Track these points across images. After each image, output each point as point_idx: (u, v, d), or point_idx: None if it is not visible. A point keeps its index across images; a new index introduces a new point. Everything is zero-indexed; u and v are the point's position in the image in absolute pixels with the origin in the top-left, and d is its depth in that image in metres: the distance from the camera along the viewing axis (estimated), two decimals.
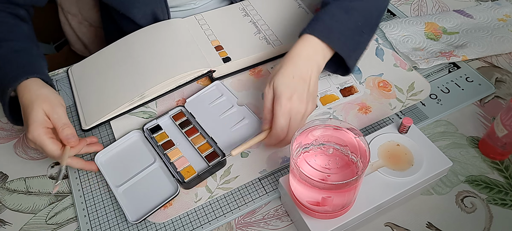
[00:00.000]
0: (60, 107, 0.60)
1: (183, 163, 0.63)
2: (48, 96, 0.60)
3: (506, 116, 0.58)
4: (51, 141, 0.58)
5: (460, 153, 0.64)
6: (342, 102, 0.71)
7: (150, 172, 0.63)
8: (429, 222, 0.57)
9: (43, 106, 0.58)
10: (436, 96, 0.71)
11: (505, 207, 0.58)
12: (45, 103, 0.59)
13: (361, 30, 0.66)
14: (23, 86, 0.60)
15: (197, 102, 0.71)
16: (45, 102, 0.59)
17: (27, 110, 0.59)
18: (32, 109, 0.58)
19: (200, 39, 0.78)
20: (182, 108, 0.70)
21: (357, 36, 0.66)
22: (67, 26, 0.99)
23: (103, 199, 0.61)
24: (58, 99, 0.61)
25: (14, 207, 0.62)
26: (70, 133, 0.59)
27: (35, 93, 0.60)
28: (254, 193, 0.60)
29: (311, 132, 0.50)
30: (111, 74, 0.74)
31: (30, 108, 0.58)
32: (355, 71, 0.75)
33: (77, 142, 0.60)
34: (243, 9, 0.84)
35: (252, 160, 0.64)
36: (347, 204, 0.50)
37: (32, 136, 0.57)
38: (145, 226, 0.58)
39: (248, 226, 0.58)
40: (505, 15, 0.84)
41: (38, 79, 0.62)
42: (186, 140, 0.66)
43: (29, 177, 0.65)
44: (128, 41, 0.78)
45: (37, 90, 0.60)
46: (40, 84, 0.61)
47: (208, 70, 0.73)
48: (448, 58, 0.75)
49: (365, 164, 0.46)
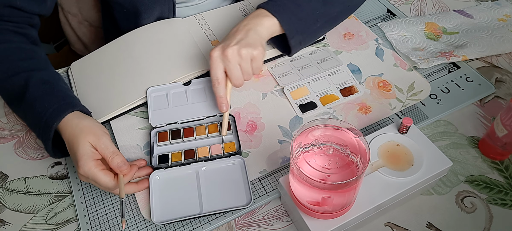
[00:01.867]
0: (105, 136, 0.59)
1: (217, 149, 0.65)
2: (91, 127, 0.59)
3: (506, 116, 0.58)
4: (103, 173, 0.56)
5: (460, 153, 0.64)
6: (342, 102, 0.71)
7: None
8: (429, 222, 0.57)
9: (89, 139, 0.57)
10: (436, 96, 0.71)
11: (505, 207, 0.58)
12: (90, 136, 0.57)
13: (316, 18, 0.69)
14: (65, 121, 0.59)
15: (161, 115, 0.69)
16: (90, 135, 0.58)
17: (74, 146, 0.57)
18: (78, 144, 0.57)
19: (200, 39, 0.78)
20: (156, 130, 0.68)
21: (310, 22, 0.69)
22: (67, 26, 0.99)
23: (103, 199, 0.61)
24: (101, 128, 0.60)
25: (14, 207, 0.62)
26: (120, 160, 0.57)
27: (78, 126, 0.58)
28: (254, 193, 0.60)
29: (311, 132, 0.50)
30: (111, 74, 0.74)
31: (76, 143, 0.57)
32: (354, 71, 0.75)
33: (129, 168, 0.58)
34: (243, 9, 0.84)
35: (252, 160, 0.64)
36: (347, 204, 0.50)
37: (84, 171, 0.56)
38: (145, 226, 0.58)
39: (248, 226, 0.58)
40: (505, 15, 0.84)
41: (78, 111, 0.61)
42: (194, 139, 0.67)
43: (29, 177, 0.65)
44: (128, 40, 0.78)
45: (79, 123, 0.59)
46: (80, 117, 0.60)
47: (208, 70, 0.73)
48: (448, 58, 0.75)
49: (365, 164, 0.46)
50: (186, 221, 0.58)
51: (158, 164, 0.64)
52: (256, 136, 0.67)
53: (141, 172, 0.63)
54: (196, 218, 0.58)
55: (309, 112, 0.70)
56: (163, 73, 0.72)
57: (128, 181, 0.59)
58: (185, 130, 0.67)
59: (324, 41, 0.81)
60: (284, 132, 0.68)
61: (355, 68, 0.76)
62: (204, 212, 0.58)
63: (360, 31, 0.83)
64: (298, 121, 0.69)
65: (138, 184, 0.61)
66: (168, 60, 0.74)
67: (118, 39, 0.79)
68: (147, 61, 0.74)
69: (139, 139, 0.68)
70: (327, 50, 0.79)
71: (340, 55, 0.79)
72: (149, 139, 0.67)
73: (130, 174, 0.59)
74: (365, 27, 0.84)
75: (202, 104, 0.70)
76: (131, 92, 0.70)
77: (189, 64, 0.73)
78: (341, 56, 0.78)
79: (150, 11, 0.79)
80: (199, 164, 0.63)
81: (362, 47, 0.80)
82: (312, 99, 0.71)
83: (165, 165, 0.63)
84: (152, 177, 0.62)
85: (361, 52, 0.79)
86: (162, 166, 0.63)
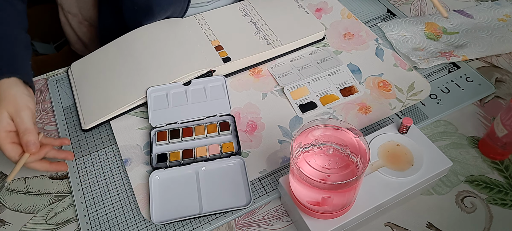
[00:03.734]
0: (26, 110, 0.57)
1: (215, 149, 0.65)
2: (16, 98, 0.57)
3: (506, 116, 0.58)
4: (10, 146, 0.55)
5: (460, 153, 0.64)
6: (342, 102, 0.71)
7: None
8: (429, 222, 0.57)
9: (8, 109, 0.56)
10: (436, 96, 0.71)
11: (505, 207, 0.58)
12: (10, 106, 0.56)
13: None
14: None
15: (161, 115, 0.69)
16: (11, 105, 0.56)
17: None
18: None
19: (200, 39, 0.78)
20: (155, 130, 0.67)
21: None
22: (67, 26, 0.99)
23: (103, 199, 0.61)
24: (26, 102, 0.58)
25: (14, 207, 0.62)
26: (30, 139, 0.56)
27: (3, 94, 0.57)
28: (254, 193, 0.60)
29: (311, 132, 0.50)
30: (111, 74, 0.74)
31: None
32: (354, 71, 0.75)
33: (37, 149, 0.57)
34: (243, 9, 0.84)
35: (252, 160, 0.64)
36: (347, 204, 0.50)
37: None
38: (145, 226, 0.58)
39: (248, 226, 0.58)
40: (505, 15, 0.84)
41: (16, 78, 0.59)
42: (193, 139, 0.67)
43: (29, 177, 0.65)
44: (128, 40, 0.78)
45: (6, 90, 0.57)
46: (12, 85, 0.58)
47: (208, 70, 0.73)
48: (448, 58, 0.75)
49: (365, 164, 0.46)
50: (186, 221, 0.58)
51: (156, 163, 0.64)
52: (256, 136, 0.67)
53: (60, 154, 0.62)
54: (196, 218, 0.58)
55: (309, 112, 0.70)
56: (163, 73, 0.72)
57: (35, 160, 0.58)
58: (184, 130, 0.67)
59: (324, 41, 0.81)
60: (284, 132, 0.68)
61: (355, 68, 0.76)
62: (204, 212, 0.58)
63: (360, 31, 0.83)
64: (298, 121, 0.69)
65: (51, 164, 0.60)
66: (168, 60, 0.74)
67: (118, 39, 0.79)
68: (147, 61, 0.74)
69: (139, 139, 0.68)
70: (327, 50, 0.79)
71: (340, 55, 0.79)
72: (149, 139, 0.67)
73: (39, 155, 0.58)
74: (365, 27, 0.84)
75: (202, 105, 0.70)
76: (131, 92, 0.70)
77: (189, 64, 0.73)
78: (341, 56, 0.78)
79: (164, 11, 0.78)
80: (199, 164, 0.63)
81: (362, 47, 0.80)
82: (312, 99, 0.71)
83: (164, 164, 0.63)
84: (152, 177, 0.62)
85: (361, 52, 0.79)
86: (161, 166, 0.63)
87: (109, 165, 0.65)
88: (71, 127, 0.70)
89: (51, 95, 0.75)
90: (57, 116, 0.72)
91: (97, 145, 0.68)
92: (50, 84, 0.77)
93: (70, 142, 0.64)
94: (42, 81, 0.78)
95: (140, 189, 0.62)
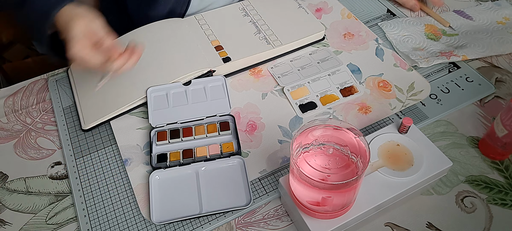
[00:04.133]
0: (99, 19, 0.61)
1: (215, 149, 0.65)
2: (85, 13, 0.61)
3: (506, 115, 0.58)
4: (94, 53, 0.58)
5: (460, 153, 0.64)
6: (342, 102, 0.71)
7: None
8: (429, 222, 0.57)
9: (82, 22, 0.59)
10: (436, 96, 0.71)
11: (505, 207, 0.58)
12: (82, 19, 0.59)
13: None
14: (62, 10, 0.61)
15: (161, 115, 0.69)
16: (82, 18, 0.59)
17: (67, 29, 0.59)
18: (72, 27, 0.58)
19: (200, 39, 0.78)
20: (155, 130, 0.67)
21: None
22: None
23: (103, 199, 0.61)
24: (95, 14, 0.62)
25: (14, 207, 0.62)
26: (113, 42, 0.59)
27: (72, 12, 0.60)
28: (254, 193, 0.60)
29: (311, 132, 0.50)
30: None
31: (69, 26, 0.59)
32: (354, 71, 0.75)
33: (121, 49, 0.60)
34: (243, 9, 0.84)
35: (252, 160, 0.64)
36: (347, 204, 0.50)
37: (73, 52, 0.57)
38: (145, 226, 0.58)
39: (248, 226, 0.58)
40: (504, 18, 0.84)
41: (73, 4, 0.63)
42: (193, 139, 0.67)
43: (29, 177, 0.65)
44: (129, 40, 0.78)
45: (73, 10, 0.61)
46: (75, 6, 0.62)
47: (208, 70, 0.73)
48: (448, 58, 0.75)
49: (365, 164, 0.46)
50: (186, 221, 0.58)
51: (156, 163, 0.64)
52: (256, 136, 0.67)
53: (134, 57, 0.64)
54: (196, 218, 0.58)
55: (309, 112, 0.70)
56: (163, 73, 0.72)
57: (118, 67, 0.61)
58: (184, 130, 0.67)
59: (324, 41, 0.81)
60: (284, 132, 0.68)
61: (355, 68, 0.76)
62: (204, 212, 0.58)
63: (360, 31, 0.83)
64: (298, 121, 0.69)
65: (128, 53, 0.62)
66: (168, 60, 0.74)
67: (118, 39, 0.78)
68: (147, 61, 0.74)
69: (139, 138, 0.68)
70: (327, 50, 0.79)
71: (340, 55, 0.79)
72: (149, 139, 0.67)
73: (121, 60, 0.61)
74: (365, 27, 0.84)
75: (202, 105, 0.70)
76: (131, 92, 0.70)
77: (189, 64, 0.73)
78: (341, 56, 0.78)
79: (167, 1, 0.79)
80: (199, 164, 0.63)
81: (362, 47, 0.80)
82: (312, 99, 0.71)
83: (164, 164, 0.63)
84: (152, 177, 0.62)
85: (361, 52, 0.79)
86: (161, 166, 0.63)
87: (109, 165, 0.65)
88: (71, 127, 0.70)
89: (51, 95, 0.75)
90: (57, 116, 0.72)
91: (97, 145, 0.68)
92: (50, 84, 0.77)
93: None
94: (42, 81, 0.78)
95: (140, 189, 0.62)
